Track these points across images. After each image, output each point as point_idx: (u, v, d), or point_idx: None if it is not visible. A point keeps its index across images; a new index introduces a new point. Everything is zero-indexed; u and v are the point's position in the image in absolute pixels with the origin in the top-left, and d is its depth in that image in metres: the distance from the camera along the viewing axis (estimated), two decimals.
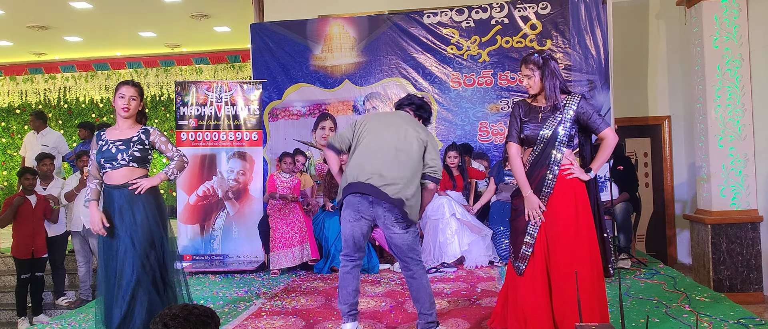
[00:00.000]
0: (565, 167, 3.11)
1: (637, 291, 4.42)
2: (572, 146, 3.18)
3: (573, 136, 3.18)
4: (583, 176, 3.11)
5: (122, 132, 3.46)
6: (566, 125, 3.11)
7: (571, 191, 3.10)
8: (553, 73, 3.14)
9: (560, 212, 3.09)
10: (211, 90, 6.31)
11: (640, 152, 7.43)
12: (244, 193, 6.24)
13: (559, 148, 3.11)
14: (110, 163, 3.38)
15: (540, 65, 3.14)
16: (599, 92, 6.55)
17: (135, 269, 3.32)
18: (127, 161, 3.38)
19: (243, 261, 6.07)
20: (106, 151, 3.39)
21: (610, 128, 3.14)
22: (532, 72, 3.15)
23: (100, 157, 3.40)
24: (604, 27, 6.51)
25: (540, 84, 3.15)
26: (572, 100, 3.15)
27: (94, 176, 3.48)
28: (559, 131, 3.11)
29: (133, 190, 3.36)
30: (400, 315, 4.04)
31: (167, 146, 3.55)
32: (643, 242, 7.27)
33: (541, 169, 3.13)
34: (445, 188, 5.88)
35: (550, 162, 3.11)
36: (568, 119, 3.11)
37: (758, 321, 3.57)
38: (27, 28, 9.28)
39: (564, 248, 3.05)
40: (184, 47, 11.04)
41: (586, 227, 3.07)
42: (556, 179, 3.11)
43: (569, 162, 3.12)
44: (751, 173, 5.97)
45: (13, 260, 6.04)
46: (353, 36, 7.04)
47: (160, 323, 1.79)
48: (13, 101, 11.78)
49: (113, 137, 3.43)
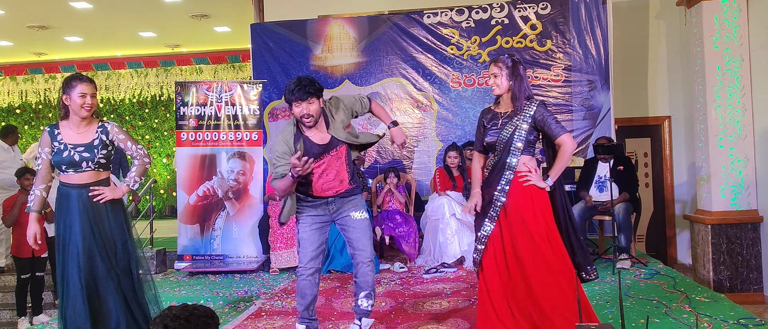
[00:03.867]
0: (522, 174, 3.07)
1: (637, 291, 4.42)
2: (531, 152, 3.12)
3: (533, 142, 3.11)
4: (541, 184, 3.05)
5: (80, 134, 3.22)
6: (522, 131, 3.05)
7: (529, 198, 3.05)
8: (520, 76, 3.10)
9: (516, 219, 3.05)
10: (211, 90, 6.31)
11: (640, 152, 7.43)
12: (244, 193, 6.24)
13: (514, 153, 3.06)
14: (73, 168, 3.21)
15: (508, 66, 3.11)
16: (599, 92, 6.55)
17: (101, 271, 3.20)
18: (92, 168, 3.23)
19: (243, 261, 6.07)
20: (68, 158, 3.18)
21: (567, 134, 3.06)
22: (500, 71, 3.12)
23: (60, 161, 3.19)
24: (604, 27, 6.51)
25: (506, 85, 3.12)
26: (531, 105, 3.09)
27: (44, 180, 3.23)
28: (514, 137, 3.06)
29: (93, 196, 3.21)
30: (400, 315, 4.04)
31: (127, 143, 3.34)
32: (643, 243, 7.28)
33: (498, 174, 3.10)
34: (445, 188, 5.88)
35: (505, 168, 3.07)
36: (525, 124, 3.06)
37: (758, 321, 3.56)
38: (27, 28, 9.28)
39: (522, 255, 3.02)
40: (184, 47, 11.04)
41: (544, 234, 3.02)
42: (509, 184, 3.06)
43: (527, 169, 3.07)
44: (751, 173, 5.97)
45: (13, 259, 6.04)
46: (353, 36, 7.04)
47: (161, 324, 1.79)
48: (13, 101, 11.79)
49: (72, 140, 3.20)
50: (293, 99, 3.17)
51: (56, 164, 3.24)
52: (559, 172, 3.08)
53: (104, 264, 3.22)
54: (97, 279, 3.21)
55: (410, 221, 5.89)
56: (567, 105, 6.66)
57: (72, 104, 3.18)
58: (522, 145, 3.06)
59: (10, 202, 5.78)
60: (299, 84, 3.16)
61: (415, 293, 4.67)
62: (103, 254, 3.23)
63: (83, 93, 3.16)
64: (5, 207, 5.81)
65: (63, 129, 3.23)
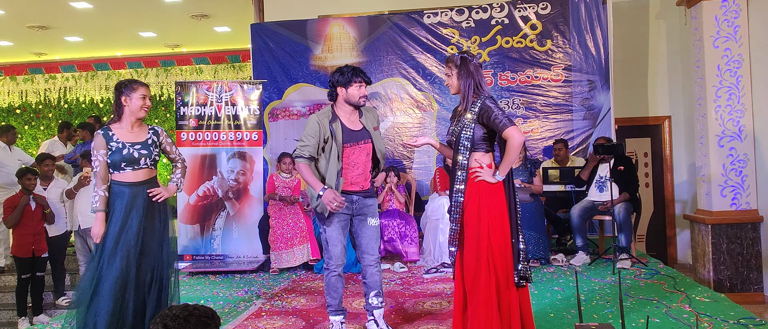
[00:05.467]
0: (473, 170, 3.05)
1: (637, 291, 4.42)
2: (484, 148, 3.07)
3: (483, 139, 3.06)
4: (490, 179, 3.00)
5: (134, 134, 3.40)
6: (468, 129, 3.02)
7: (477, 195, 3.01)
8: (469, 73, 3.06)
9: (467, 217, 3.03)
10: (211, 90, 6.31)
11: (640, 152, 7.43)
12: (244, 193, 6.24)
13: (463, 151, 3.03)
14: (131, 166, 3.35)
15: (458, 64, 3.09)
16: (599, 92, 6.56)
17: (150, 267, 3.35)
18: (148, 165, 3.41)
19: (243, 261, 6.07)
20: (128, 155, 3.33)
21: (514, 127, 2.96)
22: (451, 71, 3.11)
23: (120, 160, 3.33)
24: (604, 27, 6.51)
25: (457, 84, 3.10)
26: (477, 102, 3.04)
27: (103, 181, 3.36)
28: (462, 134, 3.04)
29: (152, 196, 3.38)
30: (400, 315, 4.04)
31: (172, 148, 3.58)
32: (643, 242, 7.28)
33: (454, 173, 3.09)
34: (445, 188, 5.88)
35: (459, 166, 3.05)
36: (471, 120, 3.02)
37: (758, 321, 3.56)
38: (27, 28, 9.27)
39: (467, 254, 3.00)
40: (184, 47, 11.03)
41: (486, 232, 2.96)
42: (464, 183, 3.03)
43: (478, 165, 3.04)
44: (751, 173, 5.97)
45: (14, 259, 6.04)
46: (353, 36, 7.04)
47: (161, 324, 1.79)
48: (13, 101, 11.78)
49: (127, 139, 3.37)
50: (357, 80, 3.46)
51: (114, 163, 3.34)
52: (508, 166, 3.00)
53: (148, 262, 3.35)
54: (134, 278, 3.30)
55: (410, 221, 5.89)
56: (567, 105, 6.66)
57: (132, 105, 3.37)
58: (469, 143, 3.03)
59: (11, 202, 5.78)
60: (357, 68, 3.50)
61: (416, 293, 4.67)
62: (147, 252, 3.35)
63: (144, 95, 3.39)
64: (6, 207, 5.81)
65: (116, 131, 3.39)
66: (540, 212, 5.63)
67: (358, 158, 3.52)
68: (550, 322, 3.74)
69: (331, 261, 3.57)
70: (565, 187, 6.05)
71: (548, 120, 6.70)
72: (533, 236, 5.47)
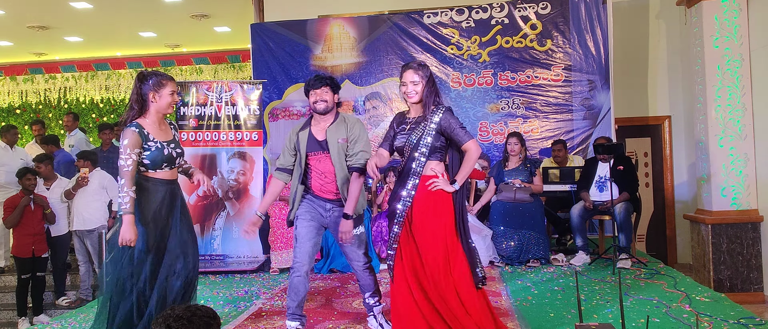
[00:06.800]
0: (429, 178, 3.12)
1: (637, 291, 4.42)
2: (438, 157, 3.16)
3: (440, 148, 3.15)
4: (448, 188, 3.10)
5: (163, 131, 3.26)
6: (428, 137, 3.11)
7: (432, 202, 3.10)
8: (434, 84, 3.19)
9: (420, 224, 3.10)
10: (211, 90, 6.31)
11: (640, 152, 7.43)
12: (244, 193, 6.24)
13: (419, 159, 3.11)
14: (170, 165, 3.23)
15: (427, 76, 3.18)
16: (599, 92, 6.56)
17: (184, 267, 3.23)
18: (180, 163, 3.35)
19: (243, 261, 6.07)
20: (168, 155, 3.20)
21: (473, 140, 3.12)
22: (421, 79, 3.17)
23: (161, 160, 3.17)
24: (604, 27, 6.52)
25: (422, 92, 3.17)
26: (437, 112, 3.14)
27: (134, 182, 3.10)
28: (420, 142, 3.12)
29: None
30: None
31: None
32: (643, 242, 7.28)
33: (405, 179, 3.16)
34: None
35: (412, 173, 3.13)
36: (431, 129, 3.11)
37: (758, 321, 3.57)
38: (27, 28, 9.28)
39: (426, 260, 3.07)
40: (184, 47, 11.04)
41: (442, 237, 3.07)
42: (415, 189, 3.12)
43: (434, 174, 3.13)
44: (751, 173, 5.97)
45: (14, 259, 6.04)
46: (353, 36, 7.04)
47: (163, 324, 1.79)
48: (13, 101, 11.78)
49: (160, 137, 3.20)
50: (314, 86, 3.47)
51: (155, 163, 3.16)
52: (465, 176, 3.13)
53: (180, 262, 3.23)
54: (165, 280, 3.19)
55: None
56: (567, 105, 6.66)
57: (161, 102, 3.20)
58: (427, 150, 3.11)
59: (12, 202, 5.78)
60: (319, 76, 3.51)
61: None
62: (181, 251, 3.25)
63: (173, 91, 3.24)
64: (6, 208, 5.81)
65: (148, 128, 3.19)
66: (540, 212, 5.64)
67: (325, 167, 3.47)
68: (550, 322, 3.74)
69: (295, 260, 3.46)
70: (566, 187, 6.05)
71: (548, 120, 6.71)
72: (533, 236, 5.47)
